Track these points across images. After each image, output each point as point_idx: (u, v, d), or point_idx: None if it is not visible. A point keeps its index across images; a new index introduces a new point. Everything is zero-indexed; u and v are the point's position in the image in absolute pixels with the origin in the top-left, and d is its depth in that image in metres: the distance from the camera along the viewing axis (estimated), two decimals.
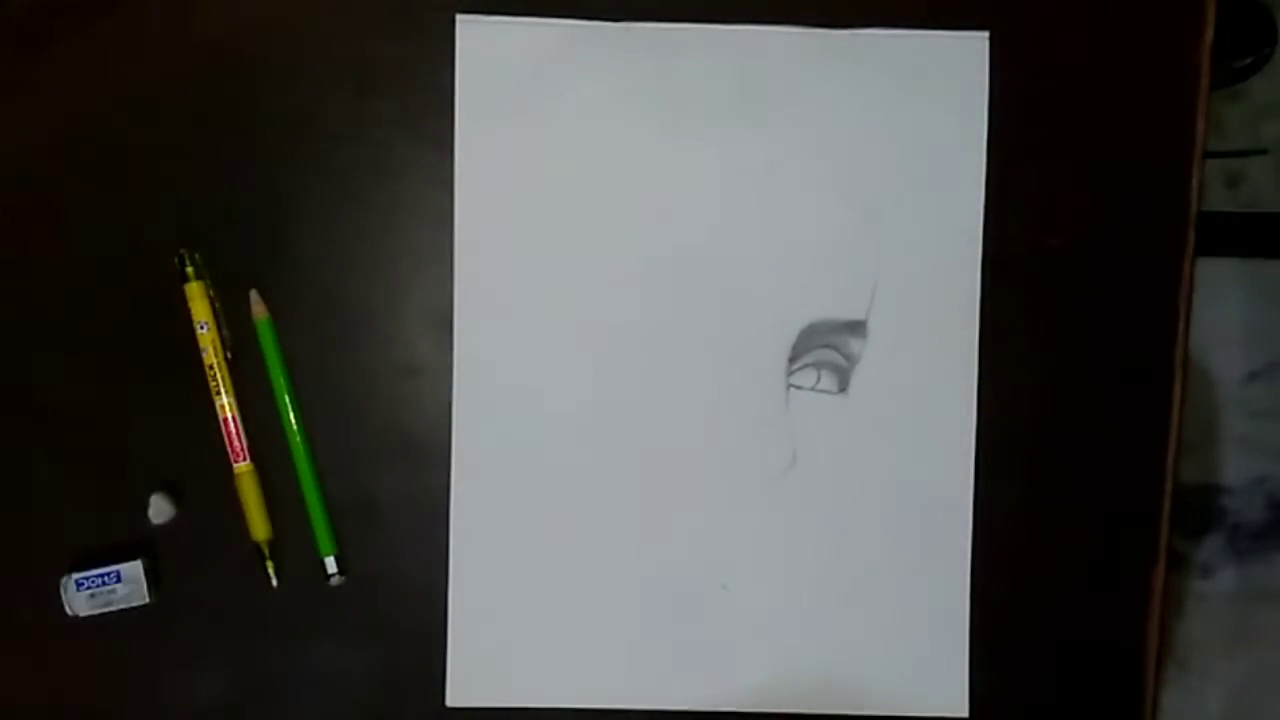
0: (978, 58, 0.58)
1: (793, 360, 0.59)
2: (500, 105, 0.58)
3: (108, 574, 0.57)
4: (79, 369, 0.58)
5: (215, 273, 0.58)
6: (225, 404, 0.57)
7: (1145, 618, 0.60)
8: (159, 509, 0.58)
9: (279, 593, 0.58)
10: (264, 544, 0.58)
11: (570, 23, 0.58)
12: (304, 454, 0.58)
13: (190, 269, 0.57)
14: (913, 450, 0.59)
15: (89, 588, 0.57)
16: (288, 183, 0.58)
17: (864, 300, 0.58)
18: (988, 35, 0.58)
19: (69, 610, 0.57)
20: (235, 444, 0.58)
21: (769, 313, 0.59)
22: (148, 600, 0.57)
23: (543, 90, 0.58)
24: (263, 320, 0.58)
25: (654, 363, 0.59)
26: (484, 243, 0.58)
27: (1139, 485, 0.60)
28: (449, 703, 0.59)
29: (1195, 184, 0.59)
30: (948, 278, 0.58)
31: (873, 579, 0.59)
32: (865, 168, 0.58)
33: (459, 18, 0.57)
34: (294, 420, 0.58)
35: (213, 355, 0.57)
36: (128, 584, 0.57)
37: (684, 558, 0.59)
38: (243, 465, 0.58)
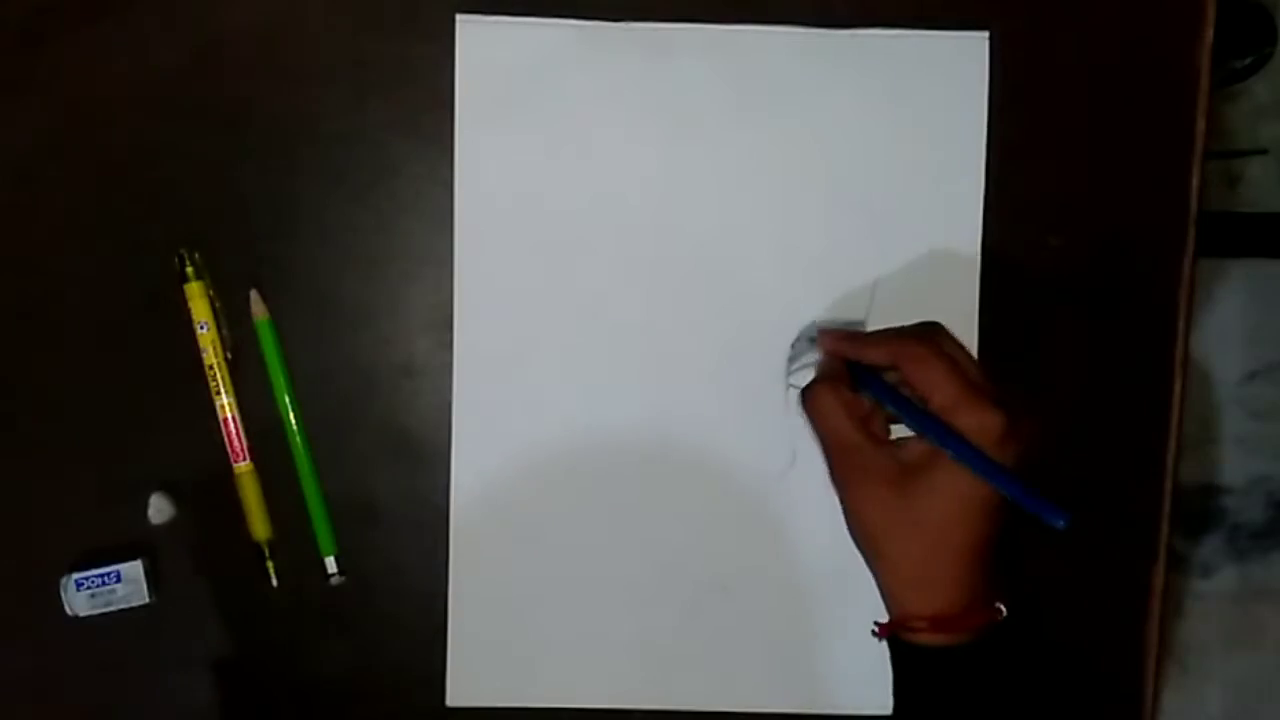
0: (978, 58, 0.58)
1: (792, 360, 0.59)
2: (500, 105, 0.58)
3: (108, 574, 0.57)
4: (79, 369, 0.58)
5: (215, 273, 0.58)
6: (225, 404, 0.57)
7: (1145, 618, 0.60)
8: (159, 509, 0.58)
9: (279, 593, 0.58)
10: (264, 544, 0.58)
11: (570, 23, 0.58)
12: (304, 454, 0.58)
13: (190, 269, 0.57)
14: None
15: (89, 588, 0.57)
16: (288, 183, 0.58)
17: (864, 300, 0.58)
18: (988, 35, 0.58)
19: (69, 610, 0.57)
20: (235, 444, 0.58)
21: (769, 313, 0.58)
22: (148, 600, 0.57)
23: (543, 90, 0.58)
24: (263, 320, 0.58)
25: (653, 363, 0.59)
26: (484, 243, 0.58)
27: (1139, 485, 0.60)
28: (449, 703, 0.59)
29: (1195, 184, 0.59)
30: (948, 278, 0.58)
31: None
32: (865, 168, 0.58)
33: (459, 18, 0.57)
34: (294, 420, 0.58)
35: (213, 355, 0.57)
36: (128, 584, 0.57)
37: (684, 558, 0.59)
38: (243, 465, 0.58)
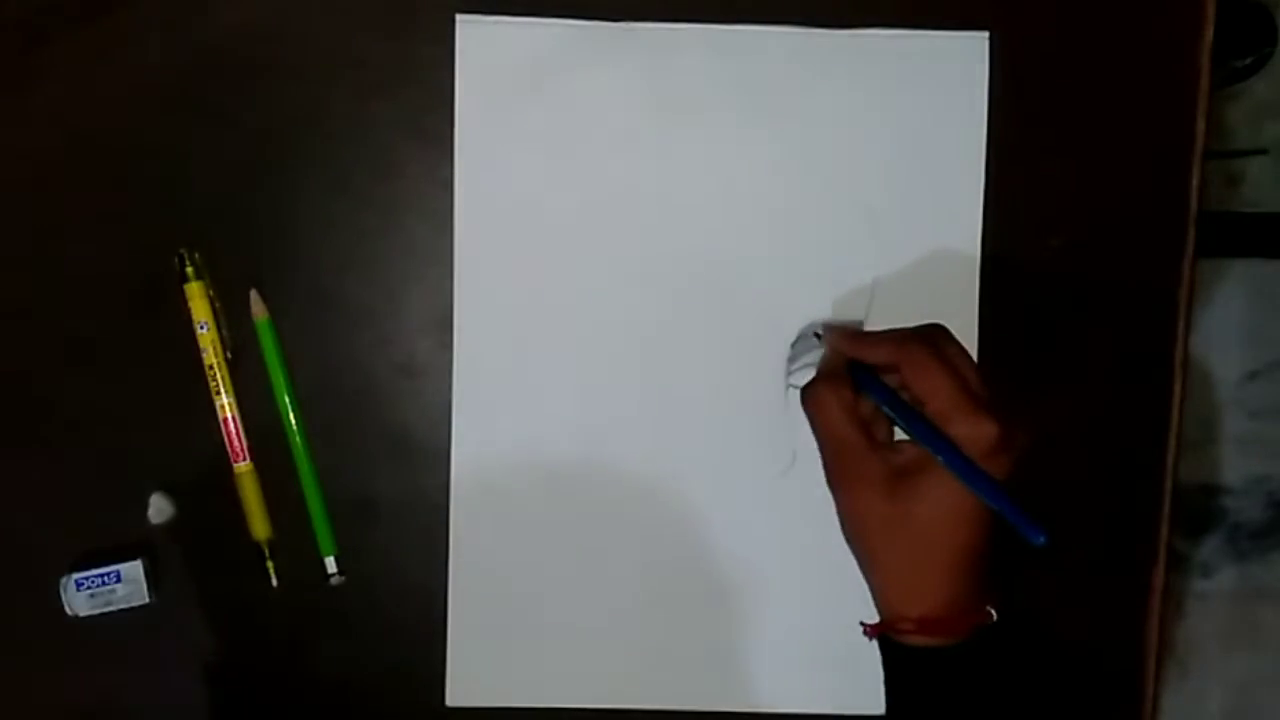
0: (978, 58, 0.58)
1: (792, 360, 0.59)
2: (500, 105, 0.58)
3: (108, 574, 0.57)
4: (79, 369, 0.58)
5: (215, 273, 0.58)
6: (225, 404, 0.57)
7: (1145, 618, 0.60)
8: (159, 509, 0.58)
9: (279, 593, 0.58)
10: (264, 544, 0.58)
11: (570, 23, 0.58)
12: (304, 454, 0.58)
13: (190, 269, 0.57)
14: None
15: (89, 588, 0.57)
16: (288, 183, 0.58)
17: (864, 300, 0.58)
18: (988, 35, 0.58)
19: (69, 610, 0.57)
20: (235, 444, 0.58)
21: (769, 312, 0.58)
22: (148, 600, 0.57)
23: (542, 90, 0.58)
24: (263, 320, 0.58)
25: (653, 363, 0.59)
26: (484, 243, 0.58)
27: (1139, 485, 0.60)
28: (449, 703, 0.59)
29: (1195, 184, 0.59)
30: (948, 278, 0.58)
31: None
32: (865, 168, 0.58)
33: (459, 18, 0.57)
34: (294, 420, 0.58)
35: (213, 355, 0.57)
36: (128, 584, 0.57)
37: (684, 558, 0.59)
38: (243, 465, 0.58)
